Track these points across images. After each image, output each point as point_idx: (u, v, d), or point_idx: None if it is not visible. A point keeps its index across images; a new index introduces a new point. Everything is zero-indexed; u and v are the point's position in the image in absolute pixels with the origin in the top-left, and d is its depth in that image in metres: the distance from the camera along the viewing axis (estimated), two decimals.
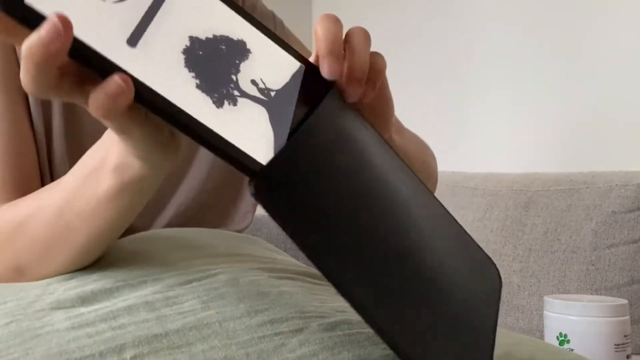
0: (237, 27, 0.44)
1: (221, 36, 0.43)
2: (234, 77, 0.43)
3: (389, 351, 0.44)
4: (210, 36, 0.43)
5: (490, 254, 1.34)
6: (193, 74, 0.41)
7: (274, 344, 0.44)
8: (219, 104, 0.41)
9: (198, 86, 0.41)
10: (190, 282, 0.51)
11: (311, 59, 0.47)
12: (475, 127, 1.77)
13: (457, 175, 1.52)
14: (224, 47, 0.43)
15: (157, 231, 0.67)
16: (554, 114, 1.62)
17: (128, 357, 0.42)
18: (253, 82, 0.44)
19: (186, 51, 0.41)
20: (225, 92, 0.42)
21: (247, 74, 0.43)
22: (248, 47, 0.44)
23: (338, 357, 0.43)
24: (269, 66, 0.45)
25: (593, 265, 1.25)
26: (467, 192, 1.46)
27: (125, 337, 0.44)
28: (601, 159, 1.47)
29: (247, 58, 0.44)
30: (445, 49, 1.83)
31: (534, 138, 1.65)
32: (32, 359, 0.42)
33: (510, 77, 1.70)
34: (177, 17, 0.41)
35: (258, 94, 0.43)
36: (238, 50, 0.44)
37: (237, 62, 0.43)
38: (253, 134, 0.41)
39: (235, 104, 0.42)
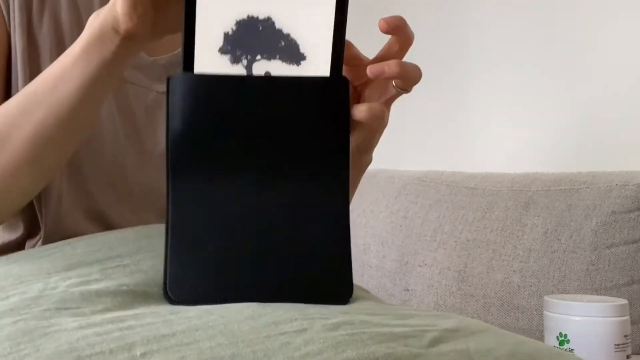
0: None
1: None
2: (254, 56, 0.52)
3: (393, 349, 0.45)
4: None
5: (490, 254, 1.35)
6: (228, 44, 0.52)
7: (279, 343, 0.44)
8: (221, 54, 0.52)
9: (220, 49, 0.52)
10: None
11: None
12: (475, 127, 1.77)
13: (457, 175, 1.52)
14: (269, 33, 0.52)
15: (155, 227, 0.67)
16: (554, 114, 1.62)
17: (138, 354, 0.42)
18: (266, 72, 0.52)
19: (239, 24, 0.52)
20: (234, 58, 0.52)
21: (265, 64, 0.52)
22: (301, 51, 0.52)
23: (342, 355, 0.44)
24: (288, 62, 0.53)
25: (593, 265, 1.25)
26: (467, 192, 1.46)
27: (134, 336, 0.44)
28: (601, 159, 1.47)
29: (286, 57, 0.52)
30: (445, 48, 1.83)
31: (534, 138, 1.65)
32: (43, 355, 0.42)
33: (510, 77, 1.70)
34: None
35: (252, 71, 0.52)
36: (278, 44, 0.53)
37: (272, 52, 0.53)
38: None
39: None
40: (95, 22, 0.59)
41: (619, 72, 1.52)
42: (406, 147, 1.84)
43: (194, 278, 0.52)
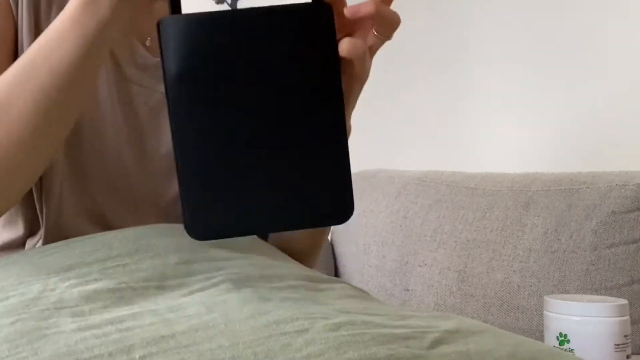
0: None
1: None
2: None
3: (394, 351, 0.45)
4: None
5: (490, 254, 1.35)
6: None
7: (280, 344, 0.44)
8: None
9: None
10: (192, 292, 0.52)
11: None
12: (475, 127, 1.77)
13: (457, 175, 1.52)
14: None
15: (154, 226, 0.67)
16: (554, 114, 1.62)
17: (137, 357, 0.42)
18: None
19: None
20: None
21: None
22: None
23: (343, 356, 0.44)
24: None
25: (593, 265, 1.25)
26: (467, 192, 1.46)
27: (133, 338, 0.44)
28: (601, 159, 1.47)
29: None
30: (445, 48, 1.83)
31: (534, 138, 1.65)
32: (42, 358, 0.42)
33: (511, 77, 1.70)
34: None
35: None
36: None
37: None
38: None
39: None
40: None
41: (619, 72, 1.52)
42: (406, 147, 1.84)
43: (208, 213, 0.54)
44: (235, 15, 0.54)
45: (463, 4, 1.81)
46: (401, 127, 1.83)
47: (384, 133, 1.87)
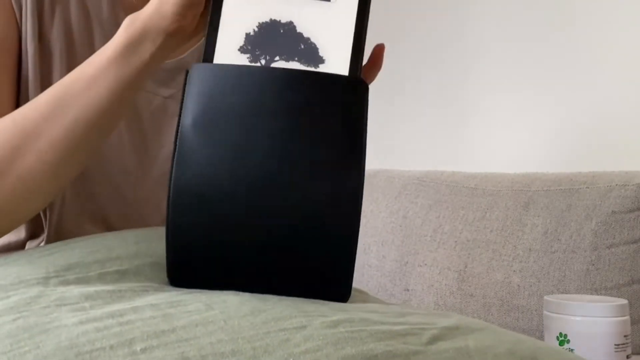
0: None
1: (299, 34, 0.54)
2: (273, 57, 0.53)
3: (392, 347, 0.45)
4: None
5: (490, 254, 1.35)
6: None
7: (279, 339, 0.44)
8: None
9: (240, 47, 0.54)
10: (191, 292, 0.53)
11: None
12: (475, 127, 1.77)
13: (457, 175, 1.52)
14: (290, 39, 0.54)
15: (154, 229, 0.67)
16: (554, 114, 1.62)
17: (138, 349, 0.42)
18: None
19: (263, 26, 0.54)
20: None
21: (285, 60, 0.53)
22: (321, 54, 0.53)
23: (341, 352, 0.44)
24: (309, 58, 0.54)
25: (593, 265, 1.25)
26: (467, 192, 1.46)
27: (134, 332, 0.44)
28: (601, 159, 1.47)
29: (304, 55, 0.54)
30: (446, 48, 1.83)
31: (534, 138, 1.65)
32: (44, 352, 0.42)
33: (511, 77, 1.70)
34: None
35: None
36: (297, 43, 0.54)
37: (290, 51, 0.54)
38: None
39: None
40: (135, 23, 0.59)
41: (619, 73, 1.52)
42: (406, 147, 1.84)
43: (195, 264, 0.52)
44: (267, 73, 0.52)
45: (463, 3, 1.81)
46: (401, 127, 1.83)
47: (384, 133, 1.87)
